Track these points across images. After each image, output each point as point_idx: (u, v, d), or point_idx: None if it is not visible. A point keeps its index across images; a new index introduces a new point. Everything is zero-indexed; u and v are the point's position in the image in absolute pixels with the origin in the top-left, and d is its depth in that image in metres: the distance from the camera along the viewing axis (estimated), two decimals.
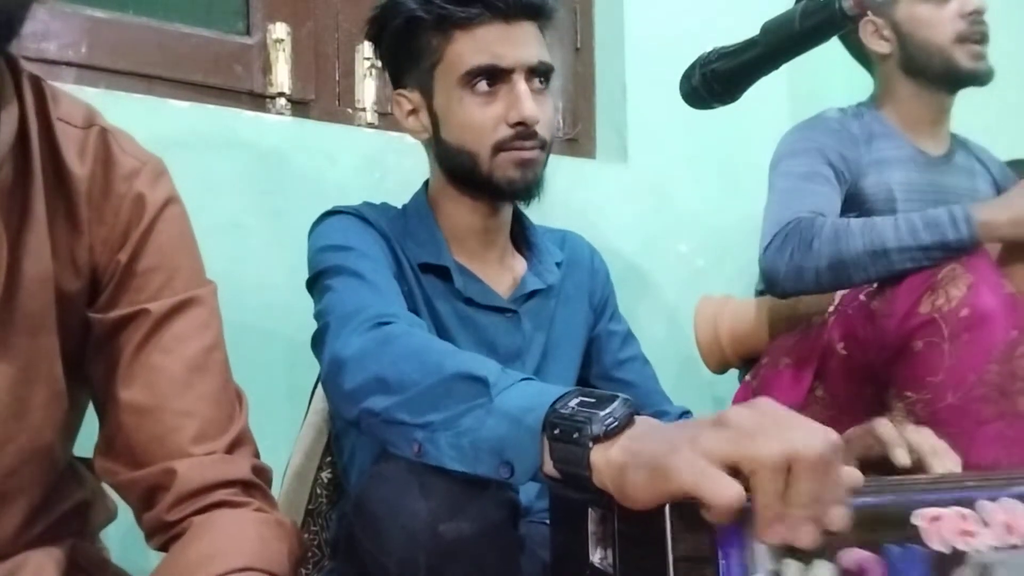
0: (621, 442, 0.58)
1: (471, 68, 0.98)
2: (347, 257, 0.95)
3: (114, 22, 1.30)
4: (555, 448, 0.61)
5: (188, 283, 0.77)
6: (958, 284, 1.08)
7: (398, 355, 0.76)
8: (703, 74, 1.18)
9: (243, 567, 0.67)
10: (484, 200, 1.05)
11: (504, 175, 1.00)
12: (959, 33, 1.37)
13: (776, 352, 1.36)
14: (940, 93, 1.43)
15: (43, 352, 0.71)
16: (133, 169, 0.75)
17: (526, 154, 0.99)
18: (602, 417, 0.59)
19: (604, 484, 0.58)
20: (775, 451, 0.50)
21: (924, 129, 1.45)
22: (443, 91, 1.01)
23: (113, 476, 0.75)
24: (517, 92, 0.98)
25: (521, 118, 0.98)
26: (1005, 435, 1.07)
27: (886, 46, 1.42)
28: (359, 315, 0.83)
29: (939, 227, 1.13)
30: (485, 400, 0.67)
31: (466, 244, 1.07)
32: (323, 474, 1.09)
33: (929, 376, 1.08)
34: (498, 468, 0.65)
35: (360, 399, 0.76)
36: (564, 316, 1.12)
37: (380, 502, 0.71)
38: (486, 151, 0.99)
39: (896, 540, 0.56)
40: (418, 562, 0.67)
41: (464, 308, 1.04)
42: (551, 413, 0.62)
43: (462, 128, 1.00)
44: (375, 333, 0.80)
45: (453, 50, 0.99)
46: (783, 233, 1.24)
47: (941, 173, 1.44)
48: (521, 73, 0.99)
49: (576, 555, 0.64)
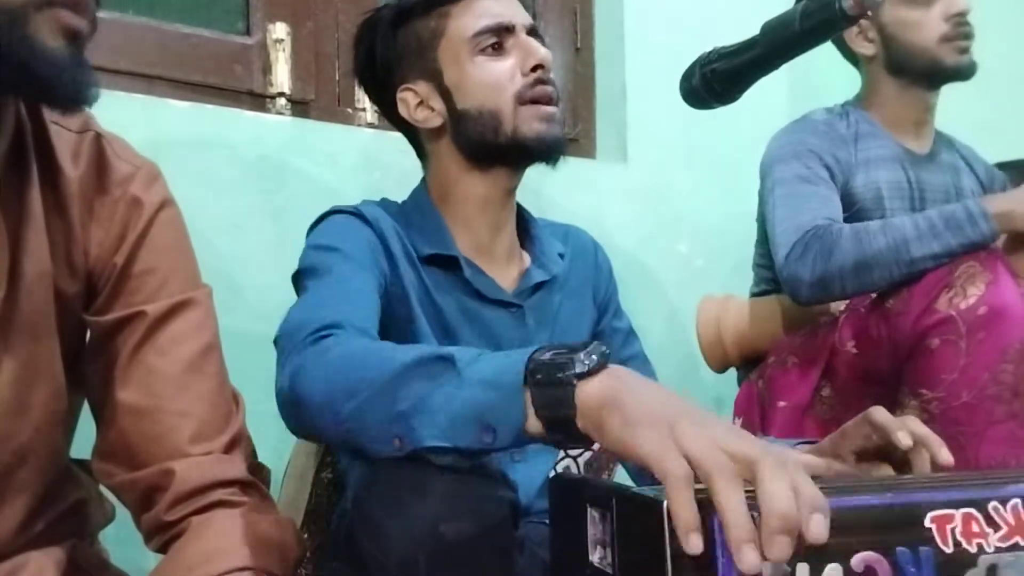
0: (603, 380, 0.61)
1: (478, 30, 1.02)
2: (328, 258, 0.94)
3: (114, 22, 1.30)
4: (539, 395, 0.63)
5: (184, 285, 0.77)
6: (976, 282, 1.08)
7: (340, 363, 0.74)
8: (703, 74, 1.18)
9: (242, 567, 0.67)
10: (507, 167, 1.05)
11: (531, 129, 1.02)
12: (944, 35, 1.38)
13: (783, 351, 1.36)
14: (924, 90, 1.44)
15: (44, 351, 0.71)
16: (128, 173, 0.75)
17: (548, 108, 1.03)
18: (582, 357, 0.62)
19: (586, 427, 0.61)
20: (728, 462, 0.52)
21: (908, 128, 1.46)
22: (452, 64, 1.03)
23: (111, 478, 0.75)
24: (525, 42, 1.03)
25: (537, 61, 1.02)
26: (1016, 435, 1.07)
27: (871, 48, 1.44)
28: (303, 330, 0.80)
29: (959, 224, 1.14)
30: (453, 375, 0.67)
31: (474, 233, 1.06)
32: (323, 474, 1.09)
33: (945, 374, 1.09)
34: (480, 435, 0.65)
35: (313, 416, 0.74)
36: (568, 310, 1.12)
37: (380, 502, 0.71)
38: (508, 106, 1.02)
39: (906, 542, 0.56)
40: (418, 562, 0.67)
41: (468, 302, 1.04)
42: (530, 364, 0.64)
43: (480, 87, 1.02)
44: (314, 348, 0.78)
45: (454, 23, 1.03)
46: (803, 242, 1.24)
47: (926, 171, 1.45)
48: (523, 29, 1.04)
49: (576, 555, 0.64)
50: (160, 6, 1.36)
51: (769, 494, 0.50)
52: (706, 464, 0.52)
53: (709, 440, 0.53)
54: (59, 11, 0.60)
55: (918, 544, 0.56)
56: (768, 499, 0.50)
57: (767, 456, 0.52)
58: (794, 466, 0.53)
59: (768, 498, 0.50)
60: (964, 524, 0.57)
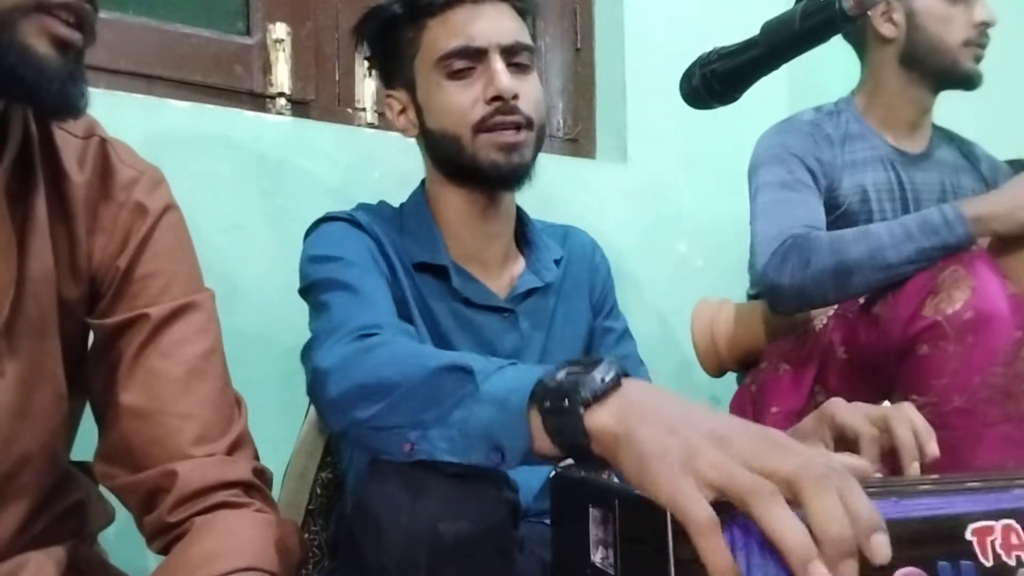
0: (614, 407, 0.58)
1: (445, 52, 0.99)
2: (335, 268, 0.95)
3: (114, 22, 1.30)
4: (548, 421, 0.61)
5: (187, 288, 0.77)
6: (960, 286, 1.08)
7: (379, 362, 0.76)
8: (703, 74, 1.18)
9: (245, 567, 0.67)
10: (475, 189, 1.04)
11: (487, 158, 0.99)
12: (968, 39, 1.38)
13: (774, 356, 1.36)
14: (927, 91, 1.43)
15: (47, 354, 0.71)
16: (131, 178, 0.76)
17: (508, 136, 0.99)
18: (589, 381, 0.59)
19: (603, 454, 0.58)
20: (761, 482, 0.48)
21: (902, 128, 1.45)
22: (423, 80, 1.02)
23: (113, 480, 0.75)
24: (492, 69, 0.98)
25: (497, 92, 0.97)
26: (1011, 437, 1.07)
27: (892, 30, 1.42)
28: (342, 328, 0.83)
29: (934, 228, 1.14)
30: (472, 388, 0.67)
31: (464, 242, 1.06)
32: (323, 474, 1.09)
33: (934, 379, 1.08)
34: (489, 454, 0.65)
35: (345, 409, 0.76)
36: (564, 314, 1.11)
37: (380, 502, 0.71)
38: (467, 133, 0.99)
39: (947, 555, 0.53)
40: (418, 562, 0.67)
41: (461, 308, 1.04)
42: (538, 387, 0.62)
43: (443, 112, 1.00)
44: (357, 344, 0.80)
45: (428, 38, 1.00)
46: (780, 252, 1.25)
47: (919, 170, 1.45)
48: (496, 52, 0.99)
49: (577, 555, 0.64)
50: (160, 6, 1.36)
51: (819, 517, 0.46)
52: (738, 490, 0.48)
53: (735, 464, 0.49)
54: (49, 19, 0.61)
55: (959, 558, 0.53)
56: (819, 523, 0.46)
57: (806, 470, 0.47)
58: (839, 477, 0.48)
59: (818, 522, 0.46)
60: (1004, 536, 0.55)
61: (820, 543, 0.45)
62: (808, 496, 0.46)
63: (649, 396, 0.59)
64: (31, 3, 0.60)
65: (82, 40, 0.64)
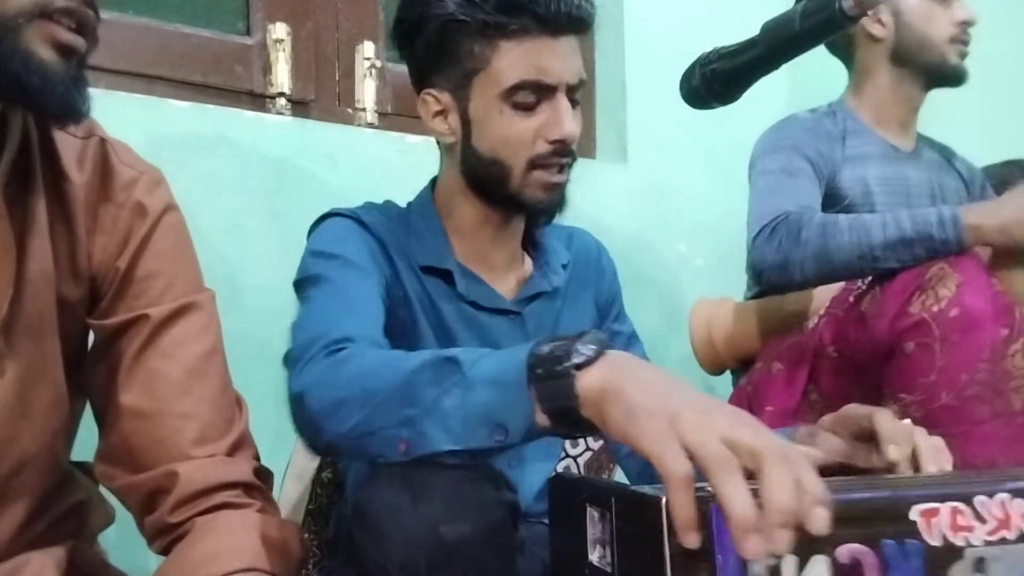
0: (602, 368, 0.62)
1: (516, 82, 0.95)
2: (331, 266, 0.94)
3: (114, 22, 1.30)
4: (542, 389, 0.64)
5: (187, 289, 0.77)
6: (947, 284, 1.08)
7: (353, 374, 0.75)
8: (703, 74, 1.18)
9: (246, 568, 0.67)
10: (502, 212, 1.03)
11: (533, 195, 0.99)
12: (953, 35, 1.41)
13: (768, 356, 1.36)
14: (918, 88, 1.46)
15: (47, 355, 0.71)
16: (131, 178, 0.76)
17: (556, 177, 0.98)
18: (579, 347, 0.63)
19: (590, 416, 0.62)
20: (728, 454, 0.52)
21: (894, 126, 1.48)
22: (481, 99, 0.98)
23: (113, 480, 0.75)
24: (559, 109, 0.96)
25: (562, 136, 0.96)
26: (1000, 434, 1.07)
27: (882, 30, 1.44)
28: (316, 343, 0.81)
29: (927, 227, 1.14)
30: (459, 377, 0.68)
31: (472, 244, 1.05)
32: (323, 474, 1.09)
33: (922, 377, 1.08)
34: (491, 434, 0.66)
35: (324, 424, 0.74)
36: (569, 317, 1.11)
37: (380, 504, 0.71)
38: (521, 166, 0.97)
39: (892, 535, 0.57)
40: (419, 564, 0.67)
41: (468, 310, 1.03)
42: (531, 358, 0.65)
43: (498, 139, 0.98)
44: (327, 361, 0.78)
45: (498, 60, 0.95)
46: (772, 225, 1.25)
47: (912, 168, 1.47)
48: (563, 90, 0.96)
49: (575, 554, 0.64)
50: (160, 6, 1.36)
51: (771, 487, 0.50)
52: (706, 457, 0.52)
53: (711, 431, 0.54)
54: (52, 25, 0.61)
55: (904, 537, 0.57)
56: (770, 492, 0.50)
57: (771, 447, 0.52)
58: (797, 458, 0.53)
59: (770, 491, 0.50)
60: (950, 518, 0.58)
61: (766, 509, 0.50)
62: (767, 467, 0.51)
63: (636, 362, 0.64)
64: (34, 9, 0.60)
65: (85, 45, 0.64)
